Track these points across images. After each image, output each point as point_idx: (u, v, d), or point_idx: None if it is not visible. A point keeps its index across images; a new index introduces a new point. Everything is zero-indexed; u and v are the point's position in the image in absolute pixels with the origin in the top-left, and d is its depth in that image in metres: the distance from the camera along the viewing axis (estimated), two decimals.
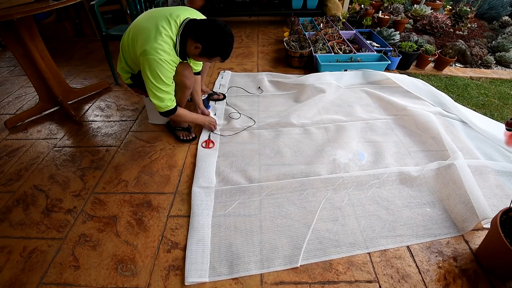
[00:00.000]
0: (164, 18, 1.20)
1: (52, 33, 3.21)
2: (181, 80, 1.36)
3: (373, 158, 1.44)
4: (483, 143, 1.54)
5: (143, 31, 1.19)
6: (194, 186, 1.30)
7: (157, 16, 1.21)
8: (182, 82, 1.37)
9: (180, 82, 1.37)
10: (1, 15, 1.30)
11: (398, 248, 1.06)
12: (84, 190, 1.34)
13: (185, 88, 1.41)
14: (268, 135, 1.62)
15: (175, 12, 1.24)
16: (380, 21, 3.04)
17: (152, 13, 1.26)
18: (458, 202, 1.16)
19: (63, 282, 0.99)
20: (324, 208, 1.20)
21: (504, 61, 2.48)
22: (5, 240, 1.13)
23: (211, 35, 1.18)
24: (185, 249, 1.06)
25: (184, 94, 1.47)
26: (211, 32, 1.18)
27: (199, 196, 1.25)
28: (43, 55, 1.75)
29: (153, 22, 1.19)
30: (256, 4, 3.40)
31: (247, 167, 1.40)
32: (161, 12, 1.24)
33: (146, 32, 1.17)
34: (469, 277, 0.97)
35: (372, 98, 1.94)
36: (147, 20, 1.22)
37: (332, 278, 0.98)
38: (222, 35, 1.19)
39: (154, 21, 1.19)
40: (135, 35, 1.22)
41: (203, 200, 1.23)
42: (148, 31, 1.17)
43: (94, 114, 1.90)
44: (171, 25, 1.19)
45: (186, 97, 1.50)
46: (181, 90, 1.43)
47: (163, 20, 1.19)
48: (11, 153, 1.58)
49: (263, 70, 2.37)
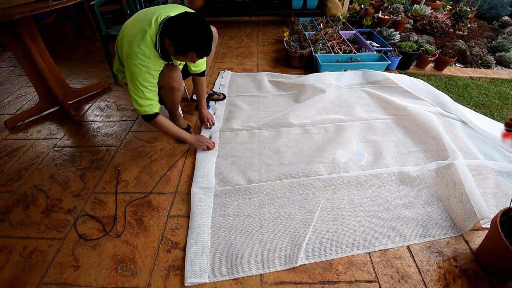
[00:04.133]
0: (149, 20, 1.15)
1: (52, 33, 3.21)
2: (167, 82, 1.32)
3: (373, 158, 1.44)
4: (483, 143, 1.54)
5: (129, 34, 1.17)
6: (193, 187, 1.30)
7: (143, 18, 1.17)
8: (168, 84, 1.33)
9: (166, 84, 1.33)
10: (1, 15, 1.30)
11: (398, 248, 1.06)
12: (84, 190, 1.34)
13: (173, 90, 1.36)
14: (268, 135, 1.62)
15: (162, 12, 1.19)
16: (380, 21, 3.04)
17: (140, 14, 1.22)
18: (458, 202, 1.16)
19: (63, 282, 0.99)
20: (324, 208, 1.20)
21: (504, 61, 2.48)
22: (5, 240, 1.13)
23: (180, 29, 1.08)
24: (185, 249, 1.06)
25: (174, 97, 1.42)
26: (180, 25, 1.08)
27: (198, 196, 1.25)
28: (43, 55, 1.75)
29: (139, 25, 1.15)
30: (256, 4, 3.40)
31: (247, 168, 1.40)
32: (149, 13, 1.19)
33: (131, 35, 1.15)
34: (469, 277, 0.97)
35: (372, 98, 1.94)
36: (135, 22, 1.19)
37: (332, 278, 0.98)
38: (192, 28, 1.08)
39: (140, 24, 1.16)
40: (123, 37, 1.21)
41: (202, 201, 1.23)
42: (132, 35, 1.15)
43: (94, 114, 1.90)
44: (153, 27, 1.15)
45: (177, 99, 1.45)
46: (169, 92, 1.38)
47: (148, 23, 1.15)
48: (11, 153, 1.58)
49: (263, 70, 2.37)
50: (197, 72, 1.49)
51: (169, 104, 1.49)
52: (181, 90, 1.41)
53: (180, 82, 1.38)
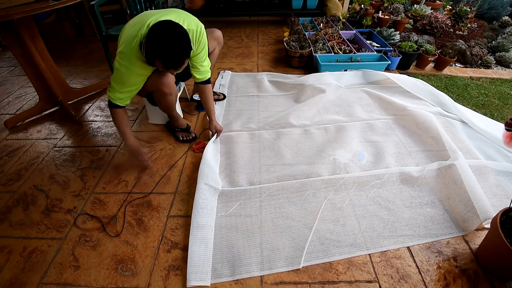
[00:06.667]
0: (144, 24, 1.15)
1: (52, 33, 3.21)
2: (158, 87, 1.31)
3: (374, 158, 1.44)
4: (483, 143, 1.54)
5: (126, 34, 1.18)
6: (200, 182, 1.26)
7: (141, 21, 1.17)
8: (159, 89, 1.32)
9: (157, 89, 1.32)
10: (1, 15, 1.30)
11: (398, 248, 1.06)
12: (84, 190, 1.34)
13: (164, 94, 1.35)
14: (268, 136, 1.61)
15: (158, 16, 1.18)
16: (380, 21, 3.04)
17: (140, 17, 1.22)
18: (459, 203, 1.16)
19: (63, 282, 0.99)
20: (325, 208, 1.20)
21: (504, 61, 2.48)
22: (5, 240, 1.13)
23: (150, 35, 1.05)
24: (185, 249, 1.06)
25: (166, 101, 1.40)
26: (151, 32, 1.06)
27: (203, 193, 1.21)
28: (43, 55, 1.75)
29: (135, 28, 1.16)
30: (256, 4, 3.40)
31: (247, 169, 1.40)
32: (147, 17, 1.18)
33: (126, 36, 1.16)
34: (469, 277, 0.97)
35: (372, 98, 1.94)
36: (133, 25, 1.19)
37: (332, 278, 0.98)
38: (161, 36, 1.04)
39: (136, 27, 1.16)
40: (121, 36, 1.22)
41: (207, 199, 1.21)
42: (127, 35, 1.16)
43: (94, 114, 1.90)
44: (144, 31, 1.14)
45: (170, 103, 1.43)
46: (162, 96, 1.37)
47: (142, 26, 1.14)
48: (11, 153, 1.58)
49: (263, 70, 2.37)
50: (201, 81, 1.42)
51: (163, 107, 1.49)
52: (173, 93, 1.40)
53: (171, 86, 1.35)
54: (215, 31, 1.62)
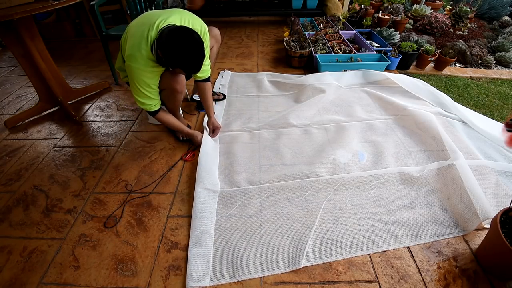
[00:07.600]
0: (152, 24, 1.16)
1: (52, 33, 3.21)
2: (170, 84, 1.35)
3: (373, 158, 1.44)
4: (483, 143, 1.54)
5: (132, 36, 1.19)
6: (197, 186, 1.27)
7: (148, 21, 1.19)
8: (171, 87, 1.36)
9: (169, 86, 1.35)
10: (1, 15, 1.30)
11: (398, 248, 1.06)
12: (84, 190, 1.34)
13: (176, 92, 1.39)
14: (268, 136, 1.61)
15: (165, 17, 1.20)
16: (380, 21, 3.04)
17: (146, 17, 1.23)
18: (459, 202, 1.16)
19: (63, 282, 0.99)
20: (326, 209, 1.20)
21: (504, 61, 2.48)
22: (5, 240, 1.13)
23: (171, 46, 1.10)
24: (185, 249, 1.06)
25: (176, 99, 1.45)
26: (171, 42, 1.09)
27: (201, 197, 1.23)
28: (43, 55, 1.74)
29: (141, 29, 1.17)
30: (256, 4, 3.40)
31: (247, 169, 1.40)
32: (154, 17, 1.20)
33: (134, 38, 1.17)
34: (469, 277, 0.97)
35: (372, 98, 1.94)
36: (140, 24, 1.20)
37: (332, 278, 0.98)
38: (182, 47, 1.09)
39: (142, 28, 1.17)
40: (126, 38, 1.23)
41: (205, 202, 1.21)
42: (135, 37, 1.17)
43: (94, 114, 1.90)
44: (154, 32, 1.16)
45: (178, 101, 1.49)
46: (172, 94, 1.40)
47: (151, 27, 1.16)
48: (11, 153, 1.58)
49: (263, 70, 2.37)
50: (202, 79, 1.45)
51: (171, 106, 1.50)
52: (183, 92, 1.43)
53: (183, 85, 1.40)
54: (213, 29, 1.64)
